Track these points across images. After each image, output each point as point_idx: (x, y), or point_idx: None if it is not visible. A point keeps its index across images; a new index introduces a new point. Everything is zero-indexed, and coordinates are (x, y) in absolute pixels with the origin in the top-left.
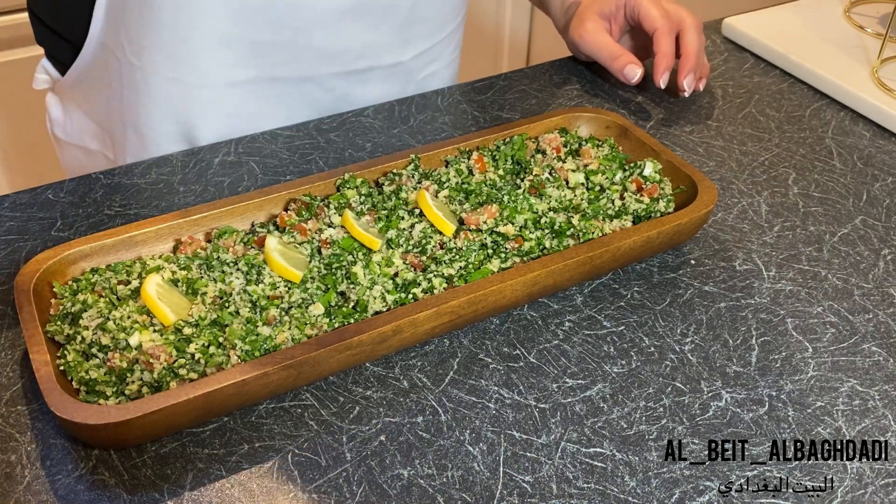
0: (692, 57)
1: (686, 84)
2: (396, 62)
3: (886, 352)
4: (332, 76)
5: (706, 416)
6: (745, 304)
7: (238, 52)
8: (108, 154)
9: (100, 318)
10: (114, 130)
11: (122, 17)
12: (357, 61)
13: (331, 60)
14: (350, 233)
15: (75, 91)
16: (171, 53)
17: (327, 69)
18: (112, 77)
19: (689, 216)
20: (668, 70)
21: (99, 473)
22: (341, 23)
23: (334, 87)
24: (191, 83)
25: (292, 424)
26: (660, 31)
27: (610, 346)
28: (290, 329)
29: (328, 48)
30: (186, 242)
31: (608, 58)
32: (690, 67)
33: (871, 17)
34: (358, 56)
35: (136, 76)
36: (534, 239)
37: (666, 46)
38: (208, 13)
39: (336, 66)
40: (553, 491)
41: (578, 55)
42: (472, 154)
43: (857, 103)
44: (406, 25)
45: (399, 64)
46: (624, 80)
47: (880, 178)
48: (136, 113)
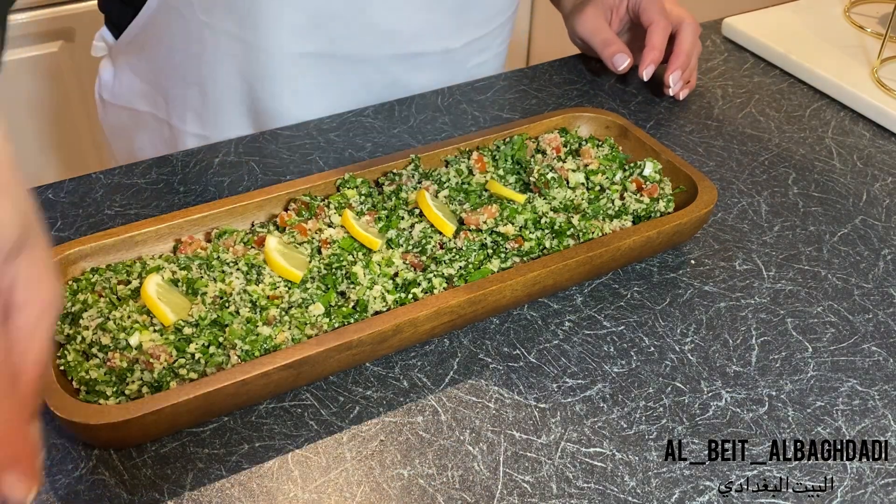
0: (682, 55)
1: (672, 80)
2: (448, 48)
3: (886, 352)
4: (387, 58)
5: (706, 416)
6: (745, 304)
7: (302, 21)
8: (159, 114)
9: (100, 318)
10: (170, 90)
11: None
12: (411, 44)
13: (387, 40)
14: (350, 233)
15: (129, 51)
16: (239, 12)
17: (383, 50)
18: (175, 35)
19: (689, 216)
20: (654, 64)
21: (99, 473)
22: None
23: (388, 70)
24: (256, 46)
25: (292, 424)
26: (654, 26)
27: (610, 346)
28: (290, 329)
29: (386, 26)
30: (186, 242)
31: (600, 43)
32: (679, 65)
33: (871, 17)
34: (413, 38)
35: (203, 33)
36: (534, 239)
37: (657, 41)
38: None
39: (391, 47)
40: (553, 491)
41: (575, 41)
42: (472, 154)
43: (857, 103)
44: (462, 10)
45: (449, 51)
46: (612, 67)
47: (880, 178)
48: (200, 70)
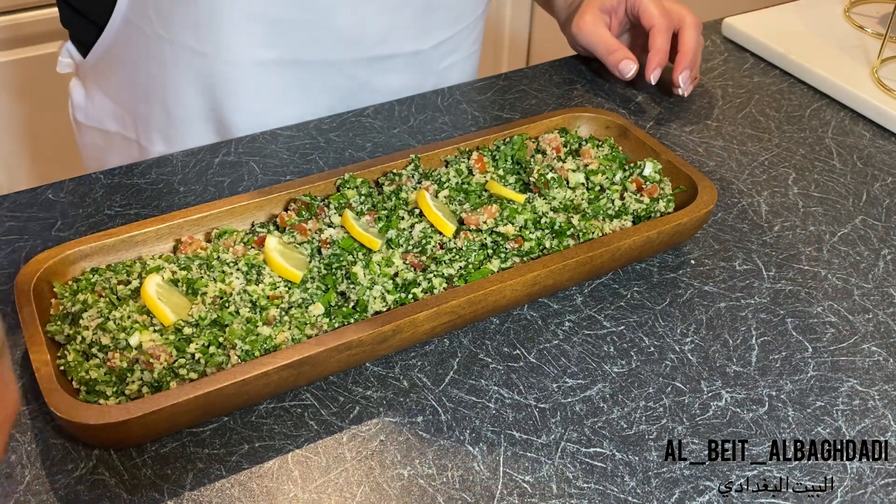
0: (689, 54)
1: (681, 80)
2: (416, 50)
3: (886, 352)
4: (354, 62)
5: (706, 416)
6: (745, 304)
7: (263, 31)
8: (129, 134)
9: (100, 318)
10: (137, 109)
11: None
12: (378, 47)
13: (352, 44)
14: (350, 233)
15: (97, 71)
16: (199, 27)
17: (349, 54)
18: (137, 53)
19: (688, 216)
20: (660, 67)
21: (99, 473)
22: (363, 4)
23: (355, 74)
24: (217, 59)
25: (292, 424)
26: (656, 28)
27: (610, 346)
28: (290, 329)
29: (350, 31)
30: (186, 242)
31: (604, 51)
32: (687, 64)
33: (871, 17)
34: (379, 41)
35: (164, 50)
36: (534, 239)
37: (661, 43)
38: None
39: (357, 51)
40: (553, 491)
41: (576, 48)
42: (472, 154)
43: (857, 103)
44: (426, 12)
45: (419, 52)
46: (619, 75)
47: (880, 178)
48: (164, 88)
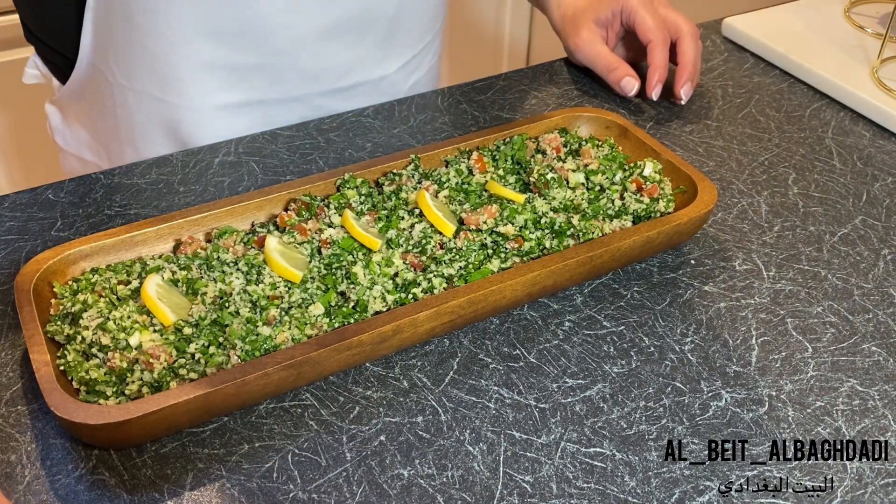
0: (689, 66)
1: (683, 93)
2: (381, 76)
3: (886, 352)
4: (320, 95)
5: (706, 416)
6: (745, 304)
7: (224, 77)
8: (104, 166)
9: (100, 318)
10: (109, 145)
11: (109, 42)
12: (342, 79)
13: (316, 80)
14: (350, 233)
15: (73, 105)
16: (158, 77)
17: (314, 88)
18: (104, 96)
19: (688, 216)
20: (661, 82)
21: (99, 473)
22: (322, 43)
23: (322, 105)
24: (179, 106)
25: (292, 424)
26: (654, 43)
27: (610, 346)
28: (290, 329)
29: (312, 69)
30: (186, 242)
31: (604, 69)
32: (687, 77)
33: (871, 17)
34: (343, 74)
35: (127, 96)
36: (534, 239)
37: (660, 59)
38: (190, 38)
39: (322, 85)
40: (553, 491)
41: (575, 62)
42: (472, 154)
43: (857, 103)
44: (387, 39)
45: (384, 78)
46: (621, 92)
47: (880, 178)
48: (132, 131)
